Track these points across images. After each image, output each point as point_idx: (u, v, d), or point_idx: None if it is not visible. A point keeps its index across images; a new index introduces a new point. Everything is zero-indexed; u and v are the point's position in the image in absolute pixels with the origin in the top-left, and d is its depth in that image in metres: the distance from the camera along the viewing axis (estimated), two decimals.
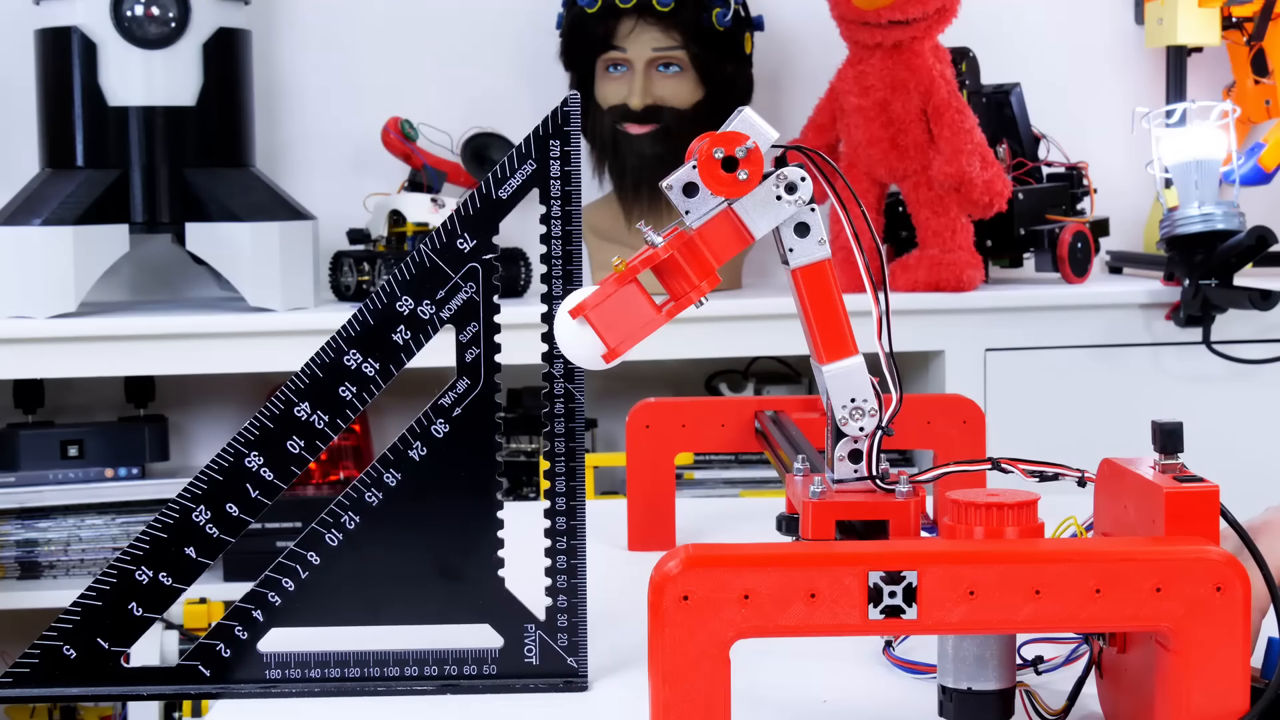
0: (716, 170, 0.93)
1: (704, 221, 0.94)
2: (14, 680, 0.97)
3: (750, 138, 0.93)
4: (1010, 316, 2.41)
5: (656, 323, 0.92)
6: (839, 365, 0.97)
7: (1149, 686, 0.78)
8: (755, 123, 0.93)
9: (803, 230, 0.96)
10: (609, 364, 0.92)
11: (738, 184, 0.93)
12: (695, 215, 0.94)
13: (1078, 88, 2.83)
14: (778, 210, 0.95)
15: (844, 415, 0.97)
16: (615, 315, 0.92)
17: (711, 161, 0.93)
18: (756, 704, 0.94)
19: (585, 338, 0.92)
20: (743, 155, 0.93)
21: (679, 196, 0.94)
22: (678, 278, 0.93)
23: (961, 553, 0.77)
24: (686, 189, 0.94)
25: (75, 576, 2.48)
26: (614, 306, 0.91)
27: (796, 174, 0.95)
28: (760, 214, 0.95)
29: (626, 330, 0.92)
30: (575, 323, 0.91)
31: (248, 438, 0.97)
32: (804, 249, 0.97)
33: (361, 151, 2.73)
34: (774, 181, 0.95)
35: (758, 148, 0.93)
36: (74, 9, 2.37)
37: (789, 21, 2.75)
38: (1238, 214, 2.32)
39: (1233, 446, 2.37)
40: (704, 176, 0.93)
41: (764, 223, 0.95)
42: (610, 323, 0.92)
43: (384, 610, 0.98)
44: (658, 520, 1.35)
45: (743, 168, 0.93)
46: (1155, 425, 0.82)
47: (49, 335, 2.31)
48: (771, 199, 0.95)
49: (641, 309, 0.92)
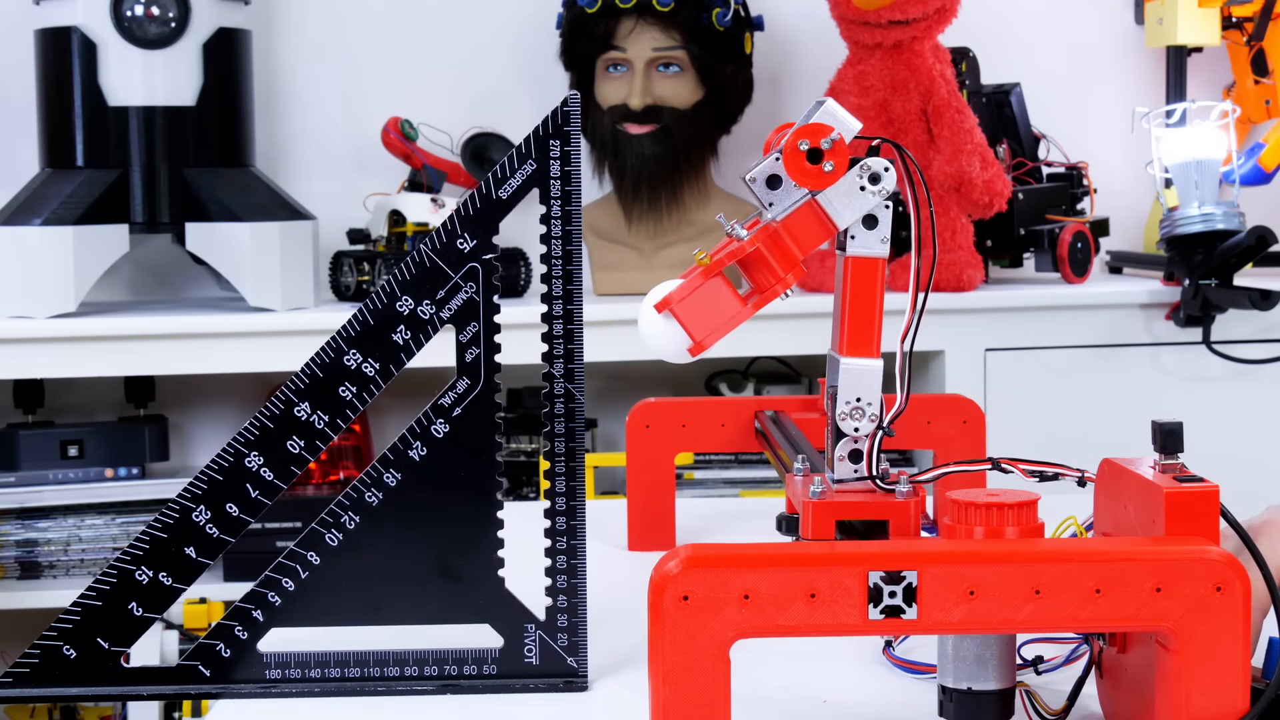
0: (802, 162, 0.93)
1: (788, 213, 0.94)
2: (14, 680, 0.97)
3: (835, 129, 0.93)
4: (1010, 316, 2.41)
5: (742, 315, 0.93)
6: (857, 362, 0.97)
7: (1149, 686, 0.78)
8: (839, 114, 0.93)
9: (871, 223, 0.96)
10: (694, 357, 0.93)
11: (823, 175, 0.93)
12: (780, 207, 0.94)
13: (1078, 88, 2.83)
14: (862, 200, 0.95)
15: (844, 411, 0.97)
16: (701, 308, 0.92)
17: (797, 154, 0.93)
18: (756, 704, 0.94)
19: (671, 331, 0.92)
20: (828, 147, 0.93)
21: (762, 189, 0.94)
22: (763, 270, 0.94)
23: (961, 553, 0.77)
24: (770, 181, 0.94)
25: (75, 576, 2.48)
26: (700, 300, 0.92)
27: (881, 164, 0.95)
28: (844, 204, 0.95)
29: (713, 323, 0.92)
30: (661, 317, 0.92)
31: (248, 438, 0.97)
32: (865, 241, 0.97)
33: (361, 151, 2.73)
34: (858, 172, 0.95)
35: (843, 139, 0.93)
36: (74, 9, 2.38)
37: (789, 21, 2.75)
38: (1238, 214, 2.32)
39: (1233, 446, 2.37)
40: (789, 168, 0.93)
41: (848, 213, 0.95)
42: (696, 316, 0.92)
43: (384, 610, 0.98)
44: (658, 520, 1.35)
45: (828, 159, 0.93)
46: (1155, 425, 0.82)
47: (49, 335, 2.31)
48: (855, 189, 0.95)
49: (727, 302, 0.92)
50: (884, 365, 0.98)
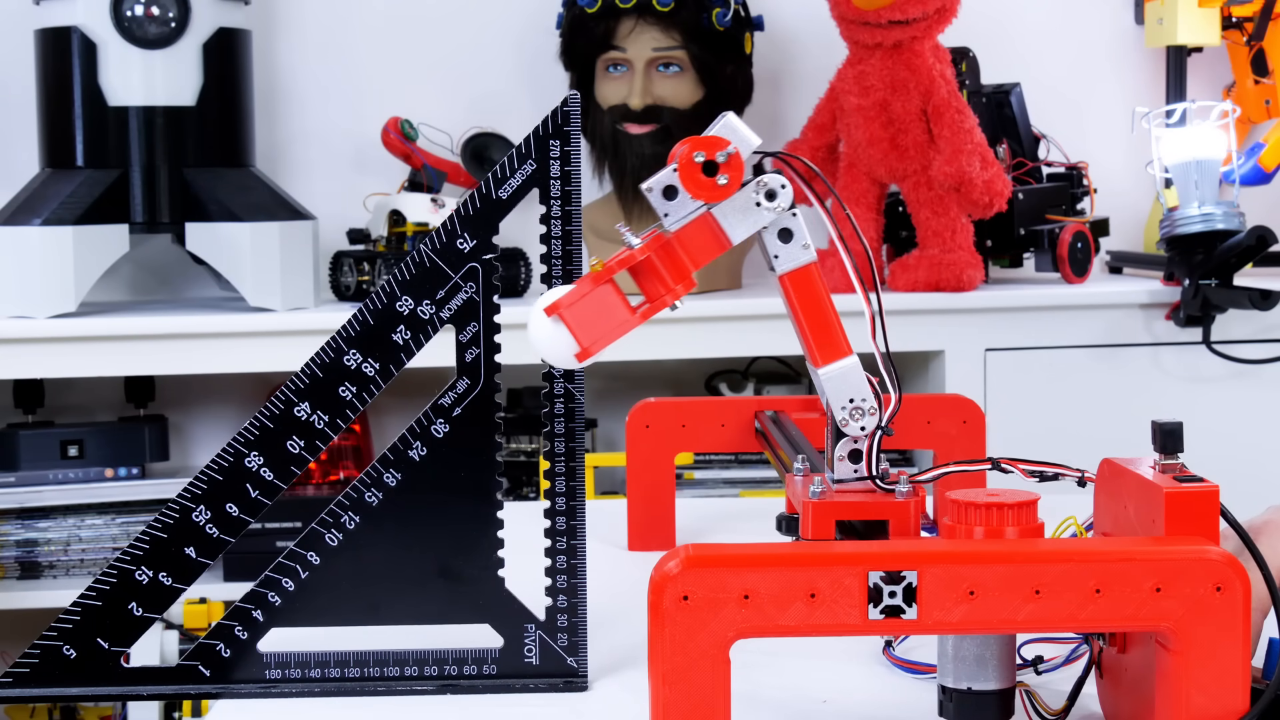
0: (697, 174, 0.92)
1: (682, 225, 0.94)
2: (14, 680, 0.97)
3: (731, 143, 0.93)
4: (1010, 316, 2.41)
5: (630, 324, 0.93)
6: (834, 367, 0.97)
7: (1149, 686, 0.78)
8: (737, 128, 0.93)
9: (786, 236, 0.96)
10: (581, 364, 0.93)
11: (717, 189, 0.93)
12: (674, 218, 0.94)
13: (1078, 88, 2.83)
14: (756, 217, 0.95)
15: (844, 416, 0.97)
16: (590, 315, 0.92)
17: (692, 165, 0.92)
18: (756, 704, 0.94)
19: (559, 336, 0.92)
20: (723, 160, 0.92)
21: (659, 199, 0.93)
22: (654, 280, 0.93)
23: (961, 553, 0.77)
24: (666, 192, 0.93)
25: (75, 576, 2.48)
26: (589, 306, 0.92)
27: (777, 181, 0.95)
28: (738, 220, 0.95)
29: (600, 330, 0.92)
30: (550, 321, 0.92)
31: (248, 438, 0.97)
32: (789, 254, 0.96)
33: (361, 151, 2.73)
34: (754, 188, 0.95)
35: (739, 153, 0.93)
36: (74, 9, 2.38)
37: (789, 21, 2.75)
38: (1238, 214, 2.32)
39: (1233, 446, 2.37)
40: (684, 180, 0.92)
41: (742, 229, 0.95)
42: (585, 322, 0.92)
43: (384, 610, 0.98)
44: (658, 520, 1.35)
45: (723, 173, 0.92)
46: (1155, 425, 0.82)
47: (49, 335, 2.31)
48: (751, 205, 0.95)
49: (616, 310, 0.92)
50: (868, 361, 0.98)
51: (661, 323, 2.49)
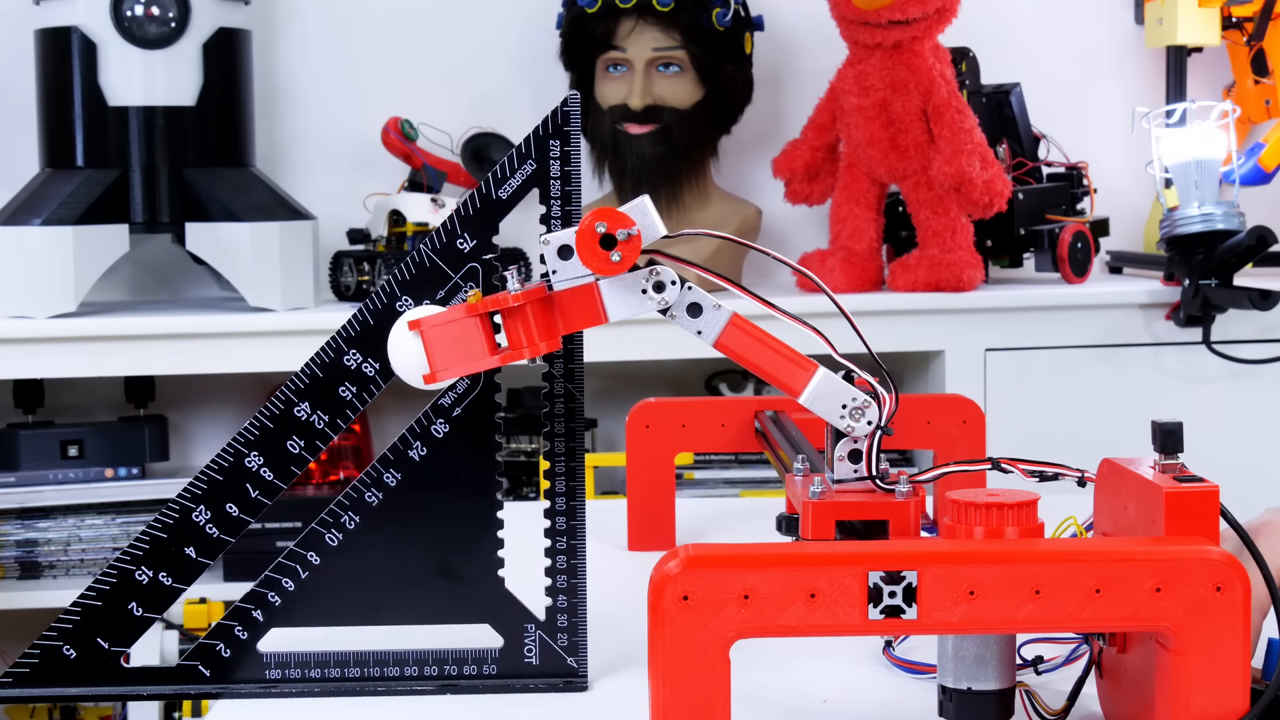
0: (594, 243, 0.92)
1: (565, 287, 0.94)
2: (14, 680, 0.97)
3: (637, 225, 0.92)
4: (1010, 316, 2.41)
5: (485, 363, 0.93)
6: (810, 388, 0.97)
7: (1149, 686, 0.78)
8: (648, 213, 0.92)
9: (695, 310, 0.95)
10: (427, 385, 0.93)
11: (609, 264, 0.92)
12: (560, 278, 0.93)
13: (1078, 88, 2.83)
14: (639, 302, 0.94)
15: (847, 423, 0.97)
16: (449, 342, 0.92)
17: (591, 234, 0.92)
18: (756, 704, 0.94)
19: (412, 351, 0.92)
20: (623, 238, 0.92)
21: (552, 255, 0.93)
22: (520, 328, 0.93)
23: (961, 553, 0.77)
24: (562, 250, 0.93)
25: (75, 576, 2.48)
26: (451, 333, 0.92)
27: (669, 275, 0.94)
28: (621, 299, 0.94)
29: (452, 360, 0.93)
30: (410, 335, 0.92)
31: (248, 438, 0.97)
32: (709, 323, 0.95)
33: (361, 151, 2.73)
34: (645, 275, 0.94)
35: (639, 237, 0.92)
36: (74, 9, 2.38)
37: (789, 21, 2.75)
38: (1238, 214, 2.32)
39: (1233, 446, 2.37)
40: (580, 246, 0.92)
41: (623, 309, 0.94)
42: (441, 347, 0.92)
43: (384, 610, 0.98)
44: (658, 520, 1.35)
45: (619, 250, 0.92)
46: (1155, 425, 0.82)
47: (49, 335, 2.31)
48: (636, 290, 0.94)
49: (474, 345, 0.92)
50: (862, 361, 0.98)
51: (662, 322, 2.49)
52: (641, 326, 2.36)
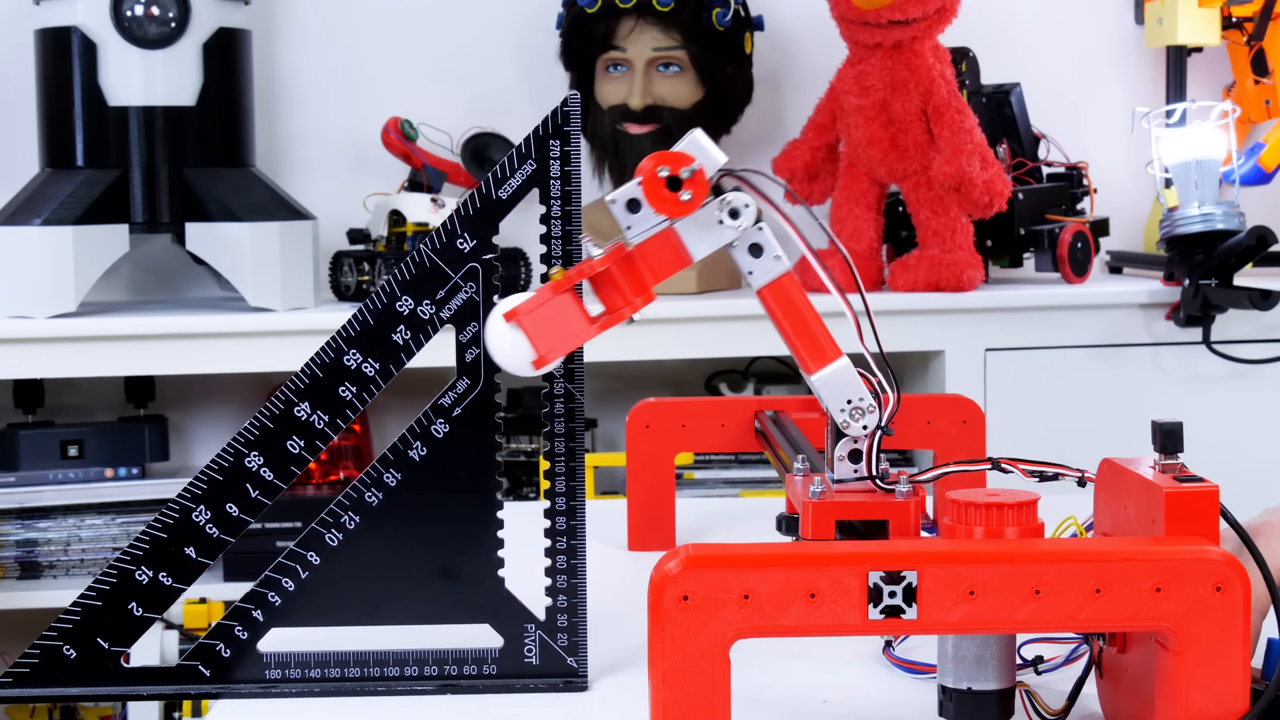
0: (660, 189, 0.92)
1: (644, 239, 0.94)
2: (14, 680, 0.97)
3: (696, 159, 0.92)
4: (1010, 316, 2.41)
5: (587, 334, 0.93)
6: (827, 371, 0.97)
7: (1149, 686, 0.78)
8: (704, 145, 0.93)
9: (756, 251, 0.96)
10: (537, 371, 0.93)
11: (680, 204, 0.92)
12: (636, 231, 0.94)
13: (1078, 88, 2.83)
14: (718, 234, 0.94)
15: (845, 419, 0.97)
16: (547, 323, 0.92)
17: (656, 180, 0.92)
18: (756, 704, 0.94)
19: (516, 343, 0.92)
20: (687, 176, 0.92)
21: (622, 211, 0.93)
22: (612, 291, 0.93)
23: (961, 553, 0.77)
24: (630, 204, 0.93)
25: (75, 576, 2.48)
26: (547, 314, 0.92)
27: (740, 199, 0.94)
28: (700, 236, 0.94)
29: (557, 339, 0.93)
30: (508, 327, 0.92)
31: (248, 438, 0.97)
32: (762, 269, 0.96)
33: (361, 151, 2.73)
34: (716, 205, 0.94)
35: (703, 170, 0.92)
36: (74, 9, 2.38)
37: (789, 21, 2.75)
38: (1238, 214, 2.32)
39: (1233, 446, 2.37)
40: (647, 194, 0.92)
41: (704, 245, 0.95)
42: (542, 330, 0.92)
43: (384, 610, 0.98)
44: (658, 520, 1.35)
45: (686, 189, 0.92)
46: (1155, 425, 0.82)
47: (49, 335, 2.31)
48: (713, 222, 0.94)
49: (574, 319, 0.92)
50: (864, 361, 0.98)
51: (661, 323, 2.50)
52: (641, 326, 2.36)
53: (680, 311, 2.36)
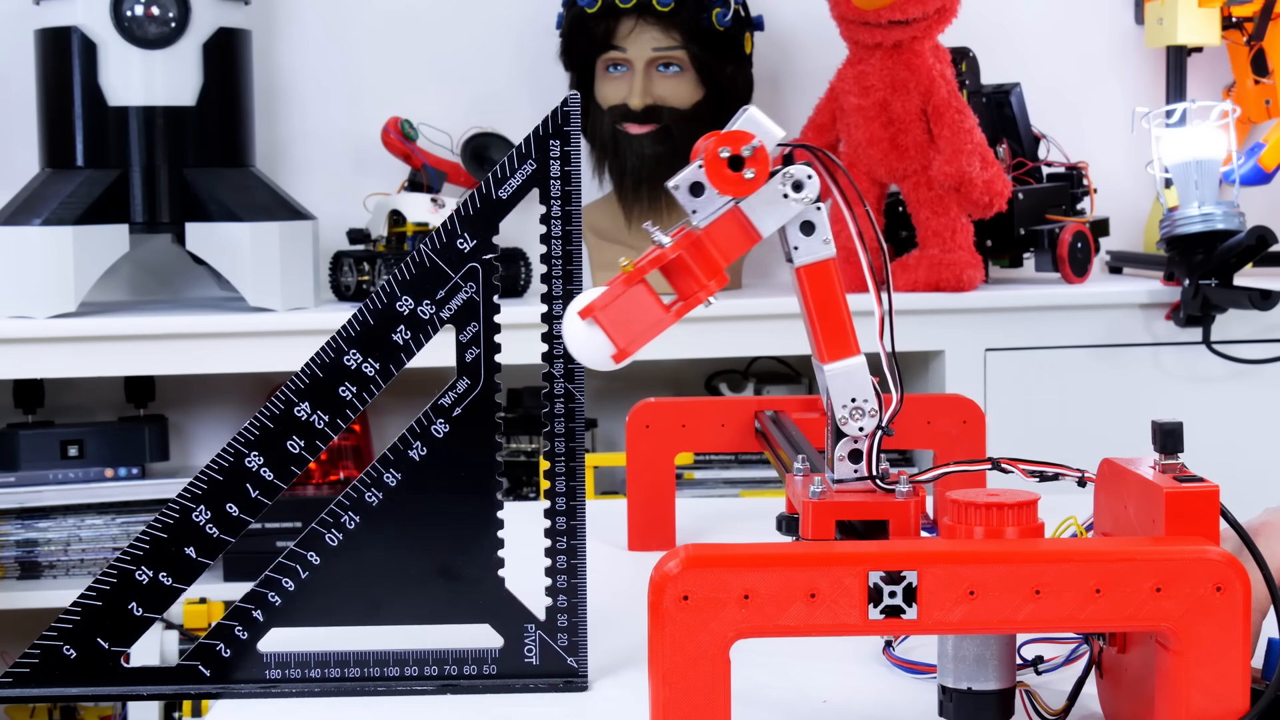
0: (723, 169, 0.93)
1: (711, 221, 0.94)
2: (14, 680, 0.97)
3: (756, 136, 0.93)
4: (1010, 316, 2.41)
5: (665, 323, 0.92)
6: (841, 365, 0.97)
7: (1149, 686, 0.78)
8: (761, 121, 0.93)
9: (808, 229, 0.96)
10: (618, 364, 0.92)
11: (744, 183, 0.93)
12: (702, 215, 0.94)
13: (1078, 88, 2.83)
14: (784, 209, 0.95)
15: (844, 415, 0.97)
16: (624, 316, 0.92)
17: (718, 161, 0.92)
18: (756, 704, 0.94)
19: (595, 339, 0.92)
20: (749, 154, 0.93)
21: (685, 196, 0.94)
22: (686, 277, 0.93)
23: (961, 553, 0.77)
24: (693, 189, 0.94)
25: (75, 576, 2.48)
26: (623, 307, 0.92)
27: (804, 172, 0.95)
28: (767, 212, 0.95)
29: (636, 330, 0.92)
30: (584, 324, 0.92)
31: (248, 438, 0.97)
32: (809, 247, 0.97)
33: (361, 151, 2.73)
34: (780, 180, 0.95)
35: (764, 146, 0.93)
36: (74, 9, 2.38)
37: (789, 21, 2.75)
38: (1238, 214, 2.32)
39: (1233, 446, 2.37)
40: (711, 176, 0.93)
41: (771, 221, 0.95)
42: (619, 323, 0.92)
43: (384, 610, 0.98)
44: (658, 520, 1.35)
45: (749, 166, 0.93)
46: (1155, 425, 0.82)
47: (49, 335, 2.31)
48: (778, 197, 0.95)
49: (650, 309, 0.92)
50: (871, 361, 0.98)
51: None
52: None
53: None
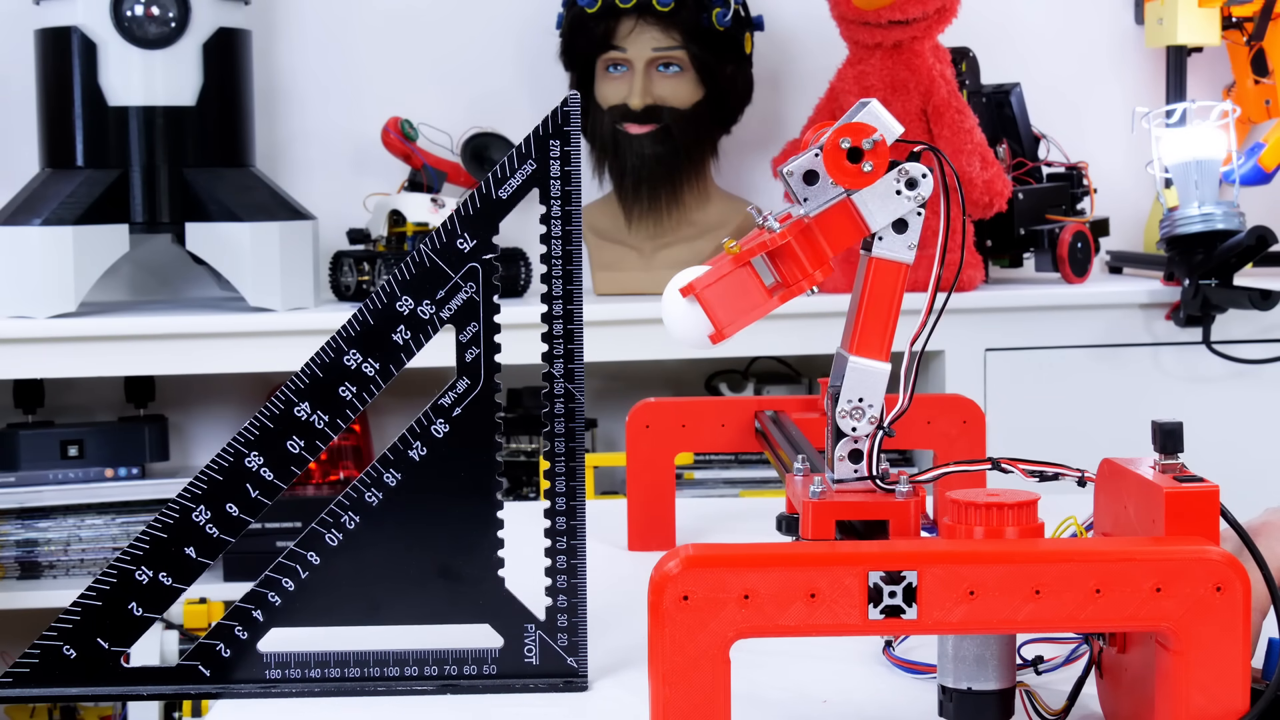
0: (842, 160, 0.93)
1: (822, 210, 0.94)
2: (14, 680, 0.97)
3: (878, 130, 0.93)
4: (1010, 316, 2.41)
5: (767, 307, 0.92)
6: (865, 362, 0.97)
7: (1149, 686, 0.78)
8: (882, 116, 0.93)
9: (900, 226, 0.96)
10: (714, 345, 0.92)
11: (862, 175, 0.93)
12: (814, 203, 0.94)
13: (1078, 88, 2.83)
14: (896, 204, 0.95)
15: (845, 409, 0.97)
16: (726, 296, 0.92)
17: (838, 151, 0.92)
18: (756, 704, 0.94)
19: (694, 316, 0.91)
20: (869, 147, 0.93)
21: (799, 183, 0.93)
22: (791, 264, 0.93)
23: (961, 553, 0.77)
24: (807, 176, 0.94)
25: (75, 576, 2.48)
26: (726, 287, 0.92)
27: (919, 170, 0.95)
28: (879, 207, 0.95)
29: (736, 312, 0.92)
30: (685, 301, 0.91)
31: (248, 438, 0.97)
32: (892, 244, 0.96)
33: (361, 151, 2.73)
34: (896, 175, 0.94)
35: (884, 141, 0.93)
36: (74, 9, 2.38)
37: (789, 21, 2.75)
38: (1238, 214, 2.32)
39: (1233, 446, 2.37)
40: (829, 165, 0.93)
41: (882, 216, 0.95)
42: (721, 303, 0.92)
43: (384, 610, 0.98)
44: (658, 520, 1.35)
45: (868, 159, 0.93)
46: (1155, 425, 0.82)
47: (49, 335, 2.31)
48: (891, 193, 0.95)
49: (753, 292, 0.92)
50: (891, 369, 0.98)
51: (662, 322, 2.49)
52: (641, 326, 2.36)
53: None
